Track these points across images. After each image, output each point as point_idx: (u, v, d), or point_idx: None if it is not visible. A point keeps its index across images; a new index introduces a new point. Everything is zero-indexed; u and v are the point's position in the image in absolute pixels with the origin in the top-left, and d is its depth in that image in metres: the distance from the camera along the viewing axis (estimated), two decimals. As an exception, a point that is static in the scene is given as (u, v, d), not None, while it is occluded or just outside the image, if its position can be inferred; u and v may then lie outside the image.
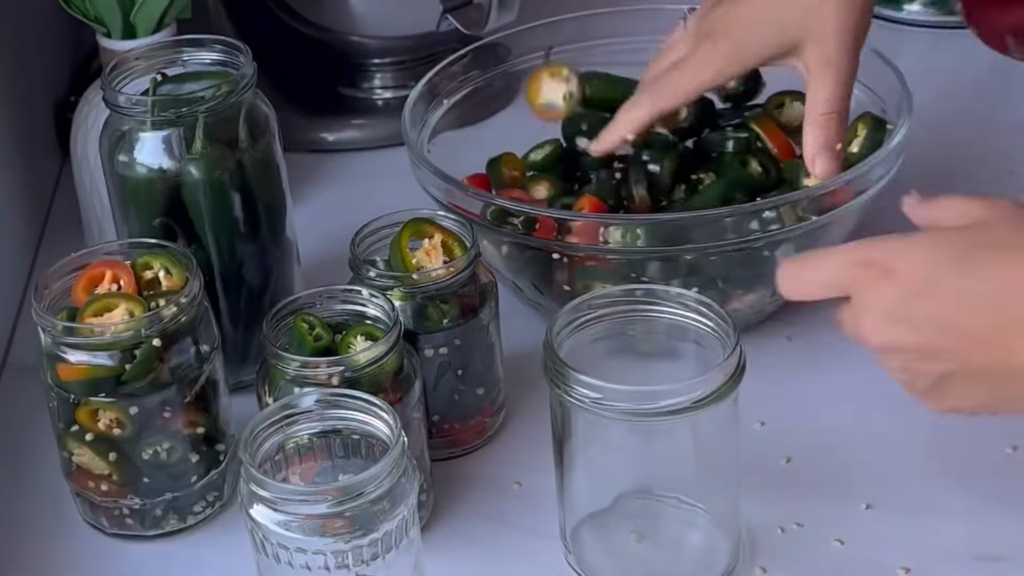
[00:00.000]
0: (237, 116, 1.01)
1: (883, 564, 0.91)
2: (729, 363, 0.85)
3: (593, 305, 0.90)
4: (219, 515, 0.98)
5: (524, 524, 0.95)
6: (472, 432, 1.02)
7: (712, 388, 0.84)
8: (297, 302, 0.95)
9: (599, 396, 0.84)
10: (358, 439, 0.85)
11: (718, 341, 0.87)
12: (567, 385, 0.85)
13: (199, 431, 0.95)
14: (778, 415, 1.02)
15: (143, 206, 1.02)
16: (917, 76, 1.14)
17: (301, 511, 0.79)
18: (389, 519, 0.80)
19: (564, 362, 0.85)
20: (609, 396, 0.84)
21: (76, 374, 0.91)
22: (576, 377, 0.84)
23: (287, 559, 0.80)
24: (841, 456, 0.99)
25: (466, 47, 1.23)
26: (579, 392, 0.85)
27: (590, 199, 1.07)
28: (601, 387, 0.84)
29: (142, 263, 0.96)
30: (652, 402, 0.84)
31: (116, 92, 1.01)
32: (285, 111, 1.10)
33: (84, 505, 0.97)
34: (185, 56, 1.05)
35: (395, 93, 1.38)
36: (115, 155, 1.01)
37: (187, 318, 0.93)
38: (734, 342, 0.85)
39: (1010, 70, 1.36)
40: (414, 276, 0.97)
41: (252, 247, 1.04)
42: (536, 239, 1.02)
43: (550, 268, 1.05)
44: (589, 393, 0.84)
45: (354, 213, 1.07)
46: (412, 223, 1.00)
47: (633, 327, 0.91)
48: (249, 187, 1.02)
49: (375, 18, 1.34)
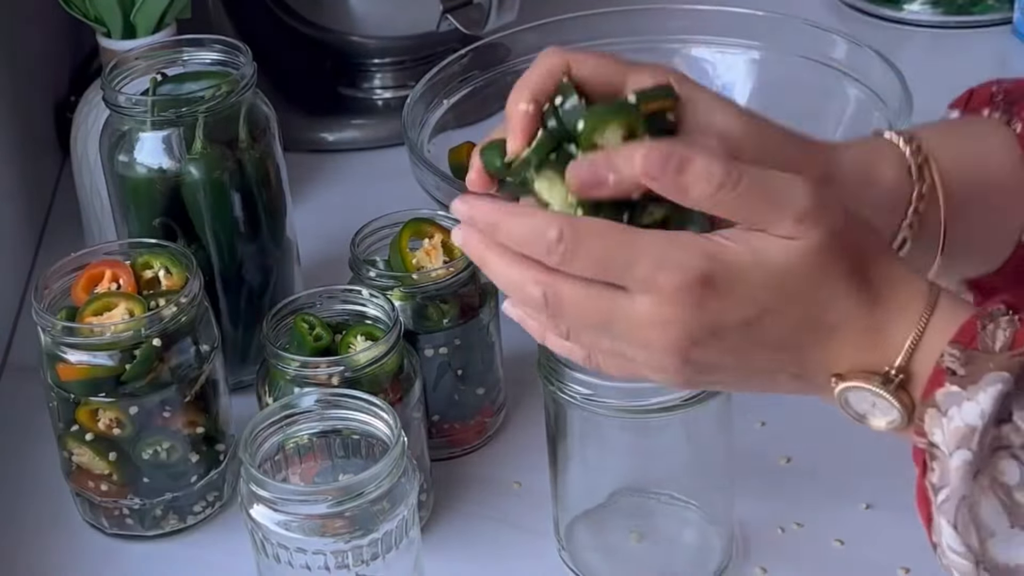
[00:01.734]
0: (237, 116, 1.01)
1: (883, 564, 0.91)
2: None
3: None
4: (219, 515, 0.98)
5: (524, 524, 0.95)
6: (472, 432, 1.02)
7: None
8: (297, 302, 0.95)
9: (591, 393, 0.84)
10: (358, 439, 0.85)
11: None
12: (560, 382, 0.85)
13: (199, 431, 0.95)
14: (778, 415, 1.02)
15: (143, 206, 1.02)
16: (917, 76, 1.14)
17: (301, 511, 0.79)
18: (389, 519, 0.80)
19: (557, 359, 0.85)
20: (601, 393, 0.84)
21: (76, 374, 0.91)
22: (569, 374, 0.84)
23: (287, 559, 0.80)
24: (841, 456, 0.99)
25: (466, 47, 1.23)
26: (572, 389, 0.85)
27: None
28: (593, 384, 0.84)
29: (142, 263, 0.96)
30: (644, 399, 0.84)
31: (116, 92, 1.01)
32: (285, 111, 1.10)
33: (84, 505, 0.97)
34: (185, 56, 1.05)
35: (395, 93, 1.38)
36: (115, 155, 1.01)
37: (187, 318, 0.93)
38: None
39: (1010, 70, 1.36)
40: (414, 276, 0.97)
41: (252, 247, 1.04)
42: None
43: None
44: (582, 390, 0.85)
45: (354, 213, 1.07)
46: (412, 223, 1.00)
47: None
48: (249, 187, 1.02)
49: (375, 18, 1.34)
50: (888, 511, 0.94)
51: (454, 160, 1.14)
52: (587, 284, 0.71)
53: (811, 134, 0.82)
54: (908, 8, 1.50)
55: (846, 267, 0.71)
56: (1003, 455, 0.69)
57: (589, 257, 0.70)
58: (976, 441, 0.68)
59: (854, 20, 1.51)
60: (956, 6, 1.48)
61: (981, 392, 0.68)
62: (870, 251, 0.72)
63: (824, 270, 0.70)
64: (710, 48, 1.25)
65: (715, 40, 1.24)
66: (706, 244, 0.70)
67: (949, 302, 0.72)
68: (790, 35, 1.21)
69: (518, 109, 0.73)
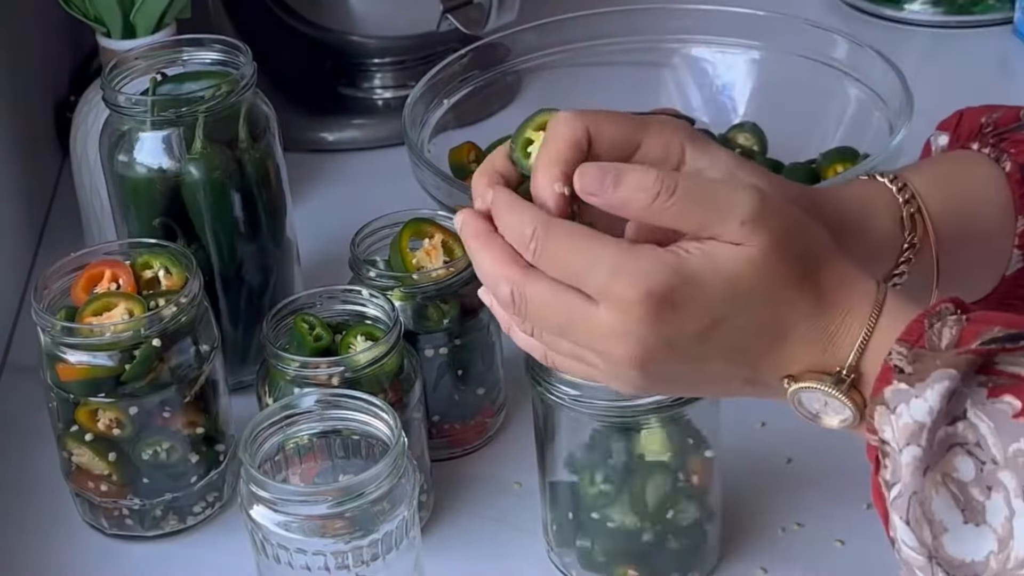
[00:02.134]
0: (237, 116, 1.01)
1: (883, 564, 0.91)
2: None
3: None
4: (219, 515, 0.98)
5: (524, 524, 0.95)
6: (472, 432, 1.02)
7: None
8: (297, 302, 0.95)
9: (579, 394, 0.84)
10: (358, 439, 0.85)
11: None
12: (547, 383, 0.85)
13: (199, 431, 0.95)
14: (778, 415, 1.02)
15: (143, 206, 1.02)
16: (917, 76, 1.14)
17: (301, 512, 0.79)
18: (389, 519, 0.80)
19: None
20: (588, 394, 0.84)
21: (76, 374, 0.91)
22: (556, 375, 0.84)
23: (287, 560, 0.80)
24: (841, 456, 0.98)
25: (466, 47, 1.23)
26: (560, 390, 0.85)
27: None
28: (581, 385, 0.84)
29: (142, 263, 0.96)
30: (632, 400, 0.84)
31: (116, 92, 1.01)
32: (285, 111, 1.10)
33: (84, 505, 0.97)
34: (185, 56, 1.05)
35: (395, 93, 1.38)
36: (115, 155, 1.01)
37: (187, 318, 0.93)
38: None
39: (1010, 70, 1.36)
40: (414, 276, 0.97)
41: (252, 247, 1.04)
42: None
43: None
44: (569, 391, 0.85)
45: (354, 213, 1.07)
46: (412, 223, 1.00)
47: None
48: (249, 187, 1.02)
49: (375, 18, 1.34)
50: (888, 511, 0.94)
51: (454, 160, 1.14)
52: (553, 286, 0.72)
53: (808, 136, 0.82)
54: (908, 8, 1.49)
55: (795, 272, 0.72)
56: (958, 451, 0.69)
57: (554, 257, 0.72)
58: (924, 437, 0.69)
59: (854, 20, 1.51)
60: (956, 6, 1.48)
61: (928, 389, 0.69)
62: (818, 254, 0.73)
63: (772, 276, 0.71)
64: (710, 48, 1.25)
65: (715, 40, 1.24)
66: (664, 255, 0.71)
67: (898, 302, 0.73)
68: (790, 35, 1.21)
69: (552, 191, 0.74)
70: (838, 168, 1.08)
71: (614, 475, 0.87)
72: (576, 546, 0.90)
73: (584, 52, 1.23)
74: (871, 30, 1.48)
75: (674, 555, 0.89)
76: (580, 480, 0.88)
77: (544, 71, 1.25)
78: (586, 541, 0.89)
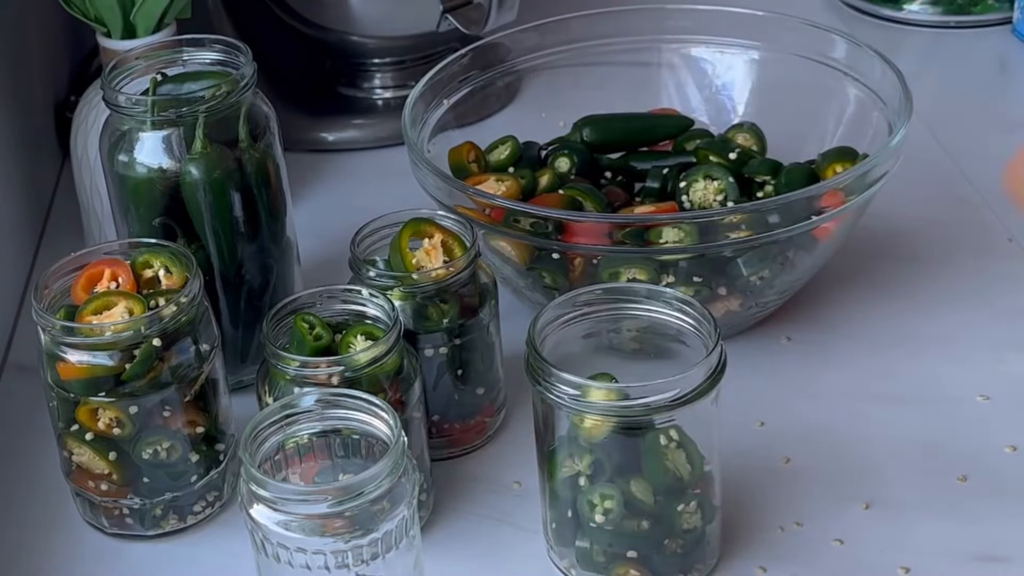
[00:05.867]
0: (237, 116, 1.01)
1: (883, 564, 0.91)
2: (708, 362, 0.85)
3: (577, 303, 0.90)
4: (219, 515, 0.98)
5: (524, 524, 0.95)
6: (472, 432, 1.02)
7: (691, 386, 0.84)
8: (297, 302, 0.95)
9: (578, 394, 0.84)
10: (358, 439, 0.85)
11: (700, 340, 0.87)
12: (547, 382, 0.85)
13: (199, 431, 0.95)
14: (778, 415, 1.02)
15: (143, 206, 1.02)
16: (917, 76, 1.14)
17: (301, 511, 0.79)
18: (389, 519, 0.80)
19: (544, 359, 0.85)
20: (588, 393, 0.84)
21: (76, 373, 0.91)
22: (556, 374, 0.85)
23: (287, 559, 0.80)
24: (841, 456, 0.99)
25: (466, 47, 1.23)
26: (559, 389, 0.85)
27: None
28: (580, 384, 0.84)
29: (142, 262, 0.96)
30: (631, 400, 0.84)
31: (116, 92, 1.01)
32: (285, 111, 1.10)
33: (84, 505, 0.97)
34: (185, 56, 1.05)
35: (395, 93, 1.38)
36: (115, 155, 1.01)
37: (187, 317, 0.93)
38: (715, 341, 0.86)
39: (1010, 70, 1.36)
40: (414, 276, 0.97)
41: (252, 247, 1.04)
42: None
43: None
44: (569, 390, 0.85)
45: (354, 213, 1.07)
46: (412, 223, 1.00)
47: (618, 324, 0.91)
48: (249, 187, 1.02)
49: (375, 18, 1.34)
50: (888, 511, 0.94)
51: (454, 160, 1.15)
52: None
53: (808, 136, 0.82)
54: (908, 8, 1.50)
55: None
56: None
57: None
58: None
59: (854, 20, 1.51)
60: (956, 6, 1.48)
61: None
62: None
63: None
64: (710, 48, 1.25)
65: (715, 40, 1.24)
66: None
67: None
68: (789, 35, 1.21)
69: None
70: (837, 168, 1.08)
71: (614, 475, 0.87)
72: (576, 546, 0.90)
73: (584, 52, 1.23)
74: (870, 30, 1.48)
75: (674, 555, 0.89)
76: (580, 480, 0.88)
77: (544, 71, 1.25)
78: (586, 541, 0.89)
